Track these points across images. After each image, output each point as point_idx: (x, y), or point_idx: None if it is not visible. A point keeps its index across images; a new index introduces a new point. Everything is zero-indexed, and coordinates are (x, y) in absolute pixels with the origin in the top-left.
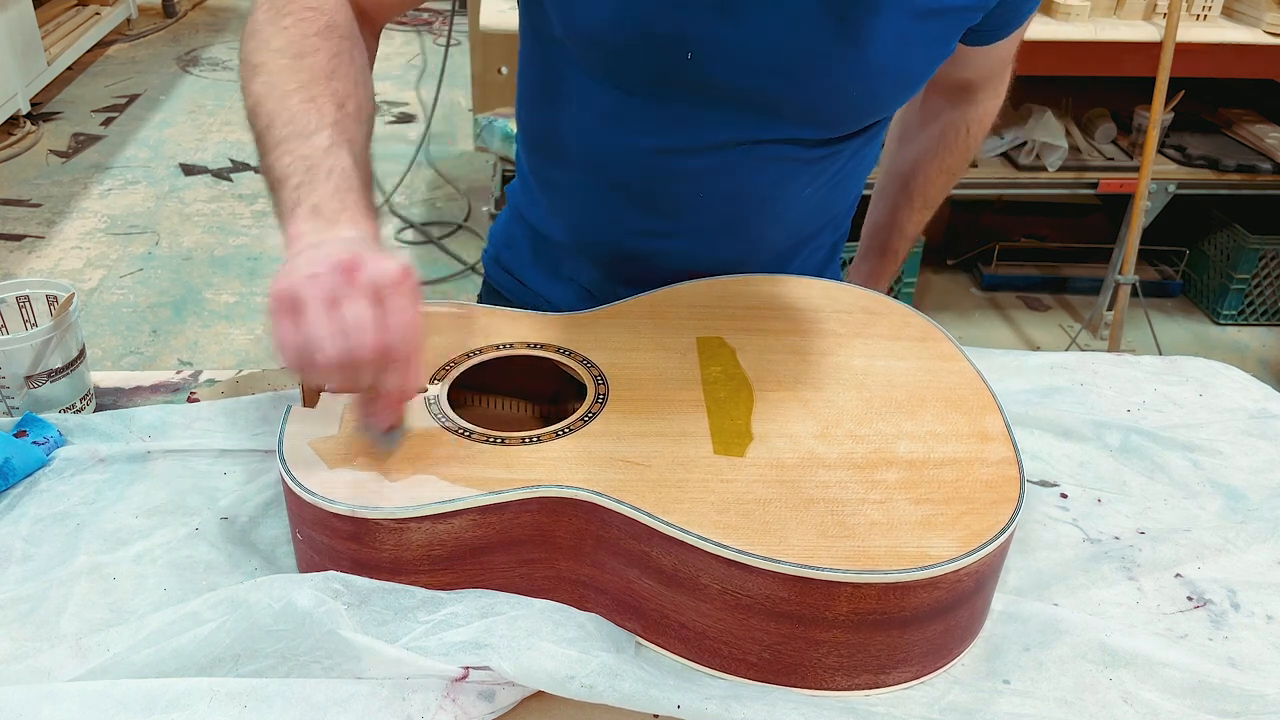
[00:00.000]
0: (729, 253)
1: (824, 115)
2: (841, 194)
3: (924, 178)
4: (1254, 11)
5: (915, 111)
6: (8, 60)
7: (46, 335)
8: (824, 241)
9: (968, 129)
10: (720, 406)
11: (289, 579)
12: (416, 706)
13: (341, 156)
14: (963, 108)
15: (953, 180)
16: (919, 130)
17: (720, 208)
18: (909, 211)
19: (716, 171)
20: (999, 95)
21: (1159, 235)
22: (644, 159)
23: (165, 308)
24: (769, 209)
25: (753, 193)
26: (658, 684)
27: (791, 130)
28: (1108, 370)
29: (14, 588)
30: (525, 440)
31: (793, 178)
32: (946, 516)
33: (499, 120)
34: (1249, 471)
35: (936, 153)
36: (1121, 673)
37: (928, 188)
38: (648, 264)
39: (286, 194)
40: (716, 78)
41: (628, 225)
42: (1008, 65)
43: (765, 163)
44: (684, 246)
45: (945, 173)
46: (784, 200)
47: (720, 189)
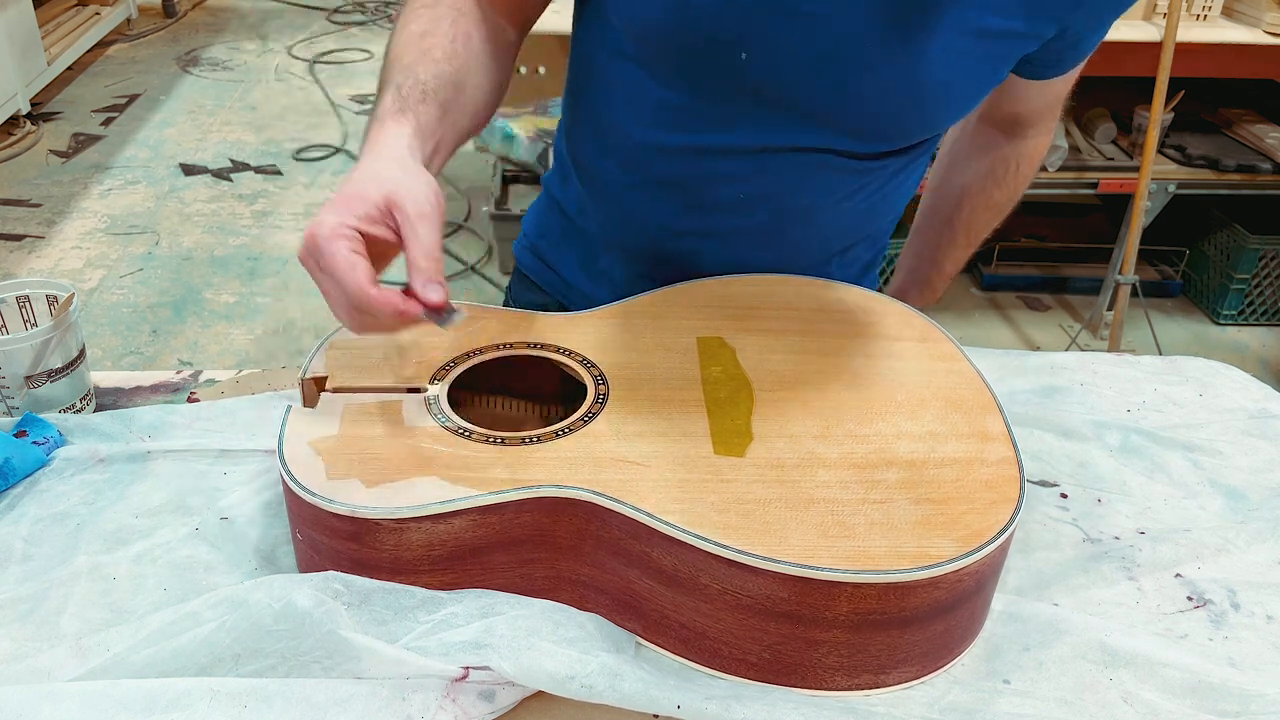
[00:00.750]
0: (763, 260)
1: (870, 128)
2: (881, 211)
3: (969, 211)
4: (1254, 11)
5: (965, 143)
6: (8, 60)
7: (46, 335)
8: (859, 255)
9: (1017, 165)
10: (720, 406)
11: (289, 579)
12: (416, 706)
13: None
14: (1014, 142)
15: (997, 218)
16: (967, 162)
17: (758, 213)
18: (951, 248)
19: (758, 176)
20: (1049, 133)
21: (1159, 235)
22: (687, 158)
23: (165, 308)
24: (807, 218)
25: (792, 201)
26: (658, 684)
27: (836, 141)
28: (1108, 370)
29: (14, 588)
30: (525, 440)
31: (833, 189)
32: (947, 516)
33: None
34: (1249, 471)
35: (984, 187)
36: (1121, 673)
37: (972, 222)
38: (682, 265)
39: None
40: (767, 81)
41: (665, 223)
42: (1060, 103)
43: (807, 171)
44: (719, 249)
45: (991, 209)
46: (822, 211)
47: (760, 194)
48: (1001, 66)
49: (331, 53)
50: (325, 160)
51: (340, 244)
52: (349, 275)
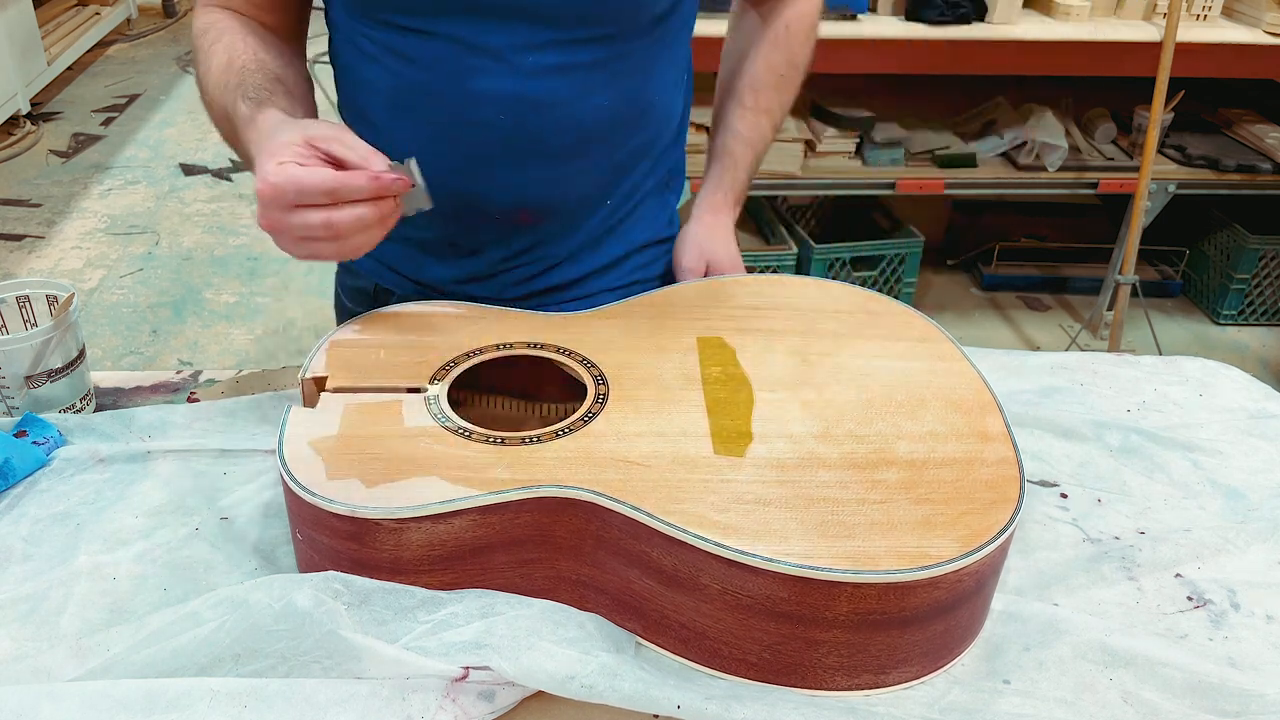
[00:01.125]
0: (545, 180)
1: (592, 12)
2: (642, 108)
3: (750, 75)
4: (1254, 11)
5: (734, 22)
6: (8, 60)
7: (46, 335)
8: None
9: (786, 27)
10: (720, 406)
11: (289, 579)
12: (416, 706)
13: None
14: (772, 12)
15: (782, 83)
16: (739, 29)
17: (520, 129)
18: (739, 110)
19: (506, 89)
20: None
21: (1159, 235)
22: (433, 91)
23: (165, 308)
24: (563, 125)
25: (546, 105)
26: (658, 684)
27: (565, 32)
28: (1108, 370)
29: (14, 588)
30: (525, 440)
31: (579, 86)
32: (947, 516)
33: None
34: (1249, 471)
35: (758, 48)
36: (1121, 673)
37: (755, 85)
38: (471, 202)
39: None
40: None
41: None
42: None
43: (550, 73)
44: (498, 179)
45: (771, 71)
46: (580, 111)
47: (514, 107)
48: None
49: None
50: None
51: (291, 167)
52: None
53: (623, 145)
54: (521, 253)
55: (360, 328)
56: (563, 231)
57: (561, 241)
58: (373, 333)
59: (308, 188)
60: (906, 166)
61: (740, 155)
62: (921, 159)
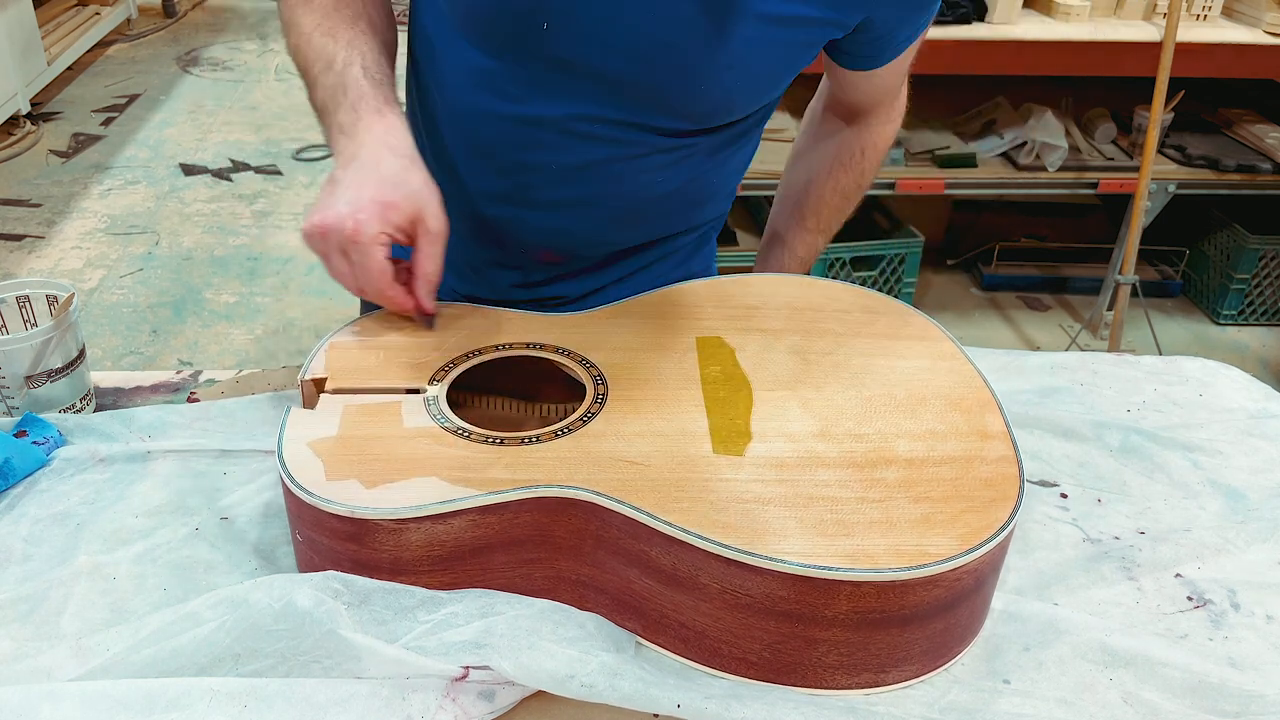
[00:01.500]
0: (582, 232)
1: (673, 104)
2: (702, 192)
3: (816, 196)
4: (1254, 11)
5: (812, 132)
6: (8, 60)
7: (46, 335)
8: (686, 241)
9: (862, 151)
10: (720, 406)
11: (289, 579)
12: (416, 706)
13: (354, 72)
14: (857, 130)
15: (846, 204)
16: (813, 148)
17: (570, 182)
18: (801, 232)
19: (568, 145)
20: (891, 122)
21: (1159, 235)
22: (503, 124)
23: (165, 308)
24: (620, 193)
25: (603, 172)
26: (658, 683)
27: (641, 115)
28: (1108, 370)
29: (14, 588)
30: (525, 440)
31: (643, 164)
32: (946, 515)
33: None
34: (1249, 471)
35: (830, 171)
36: (1121, 673)
37: (820, 208)
38: (502, 233)
39: (326, 122)
40: (569, 52)
41: (484, 189)
42: (896, 93)
43: (614, 145)
44: (537, 218)
45: (838, 194)
46: (634, 185)
47: (572, 164)
48: (803, 53)
49: None
50: (325, 160)
51: (379, 250)
52: (381, 279)
53: (678, 220)
54: (538, 283)
55: (360, 329)
56: (587, 271)
57: (580, 281)
58: (372, 334)
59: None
60: (906, 166)
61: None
62: (921, 159)
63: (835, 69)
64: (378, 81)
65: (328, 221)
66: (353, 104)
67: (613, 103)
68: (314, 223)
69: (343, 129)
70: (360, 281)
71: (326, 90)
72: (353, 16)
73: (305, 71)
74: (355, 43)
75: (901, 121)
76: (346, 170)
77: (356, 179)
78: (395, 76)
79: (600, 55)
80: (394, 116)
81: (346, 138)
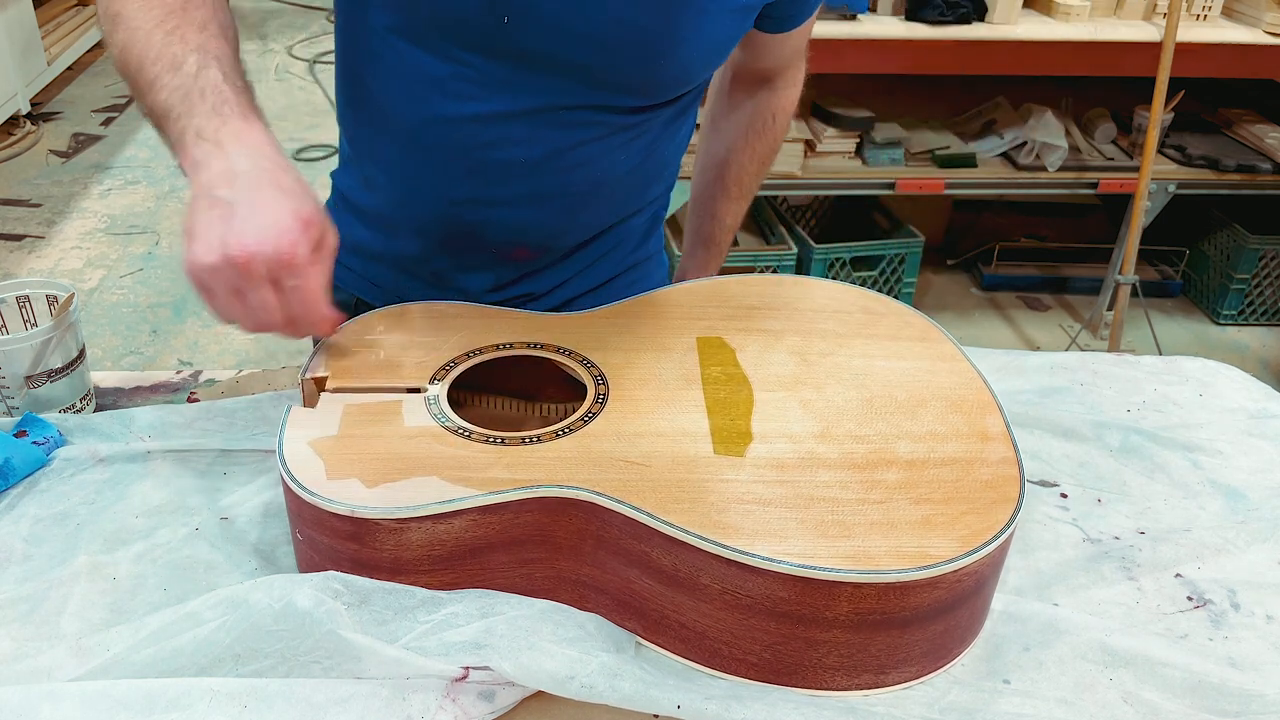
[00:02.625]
0: (553, 223)
1: (635, 83)
2: (656, 166)
3: (737, 166)
4: (1254, 11)
5: (723, 104)
6: (8, 60)
7: (46, 335)
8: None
9: (773, 116)
10: (720, 406)
11: (289, 579)
12: (416, 706)
13: (211, 75)
14: (764, 97)
15: (764, 169)
16: (727, 119)
17: (541, 174)
18: (726, 202)
19: (532, 139)
20: (796, 85)
21: (1159, 235)
22: (462, 125)
23: (165, 308)
24: (586, 177)
25: (570, 160)
26: (658, 684)
27: (605, 97)
28: (1108, 370)
29: (14, 588)
30: (525, 440)
31: (608, 145)
32: (946, 516)
33: None
34: (1249, 471)
35: (747, 139)
36: (1121, 673)
37: (741, 176)
38: (471, 235)
39: (171, 126)
40: (531, 44)
41: (449, 194)
42: (802, 56)
43: (581, 129)
44: (507, 217)
45: (756, 160)
46: (599, 166)
47: (538, 157)
48: (747, 18)
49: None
50: (325, 160)
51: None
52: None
53: (633, 198)
54: (508, 283)
55: (360, 328)
56: (553, 265)
57: (550, 275)
58: (373, 333)
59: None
60: (906, 166)
61: (723, 242)
62: (921, 159)
63: (752, 37)
64: (239, 87)
65: (248, 249)
66: (214, 109)
67: (576, 89)
68: (227, 254)
69: (202, 135)
70: (299, 310)
71: (172, 92)
72: (202, 20)
73: (139, 70)
74: (207, 47)
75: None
76: (233, 187)
77: (260, 197)
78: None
79: (561, 42)
80: (262, 125)
81: (210, 145)
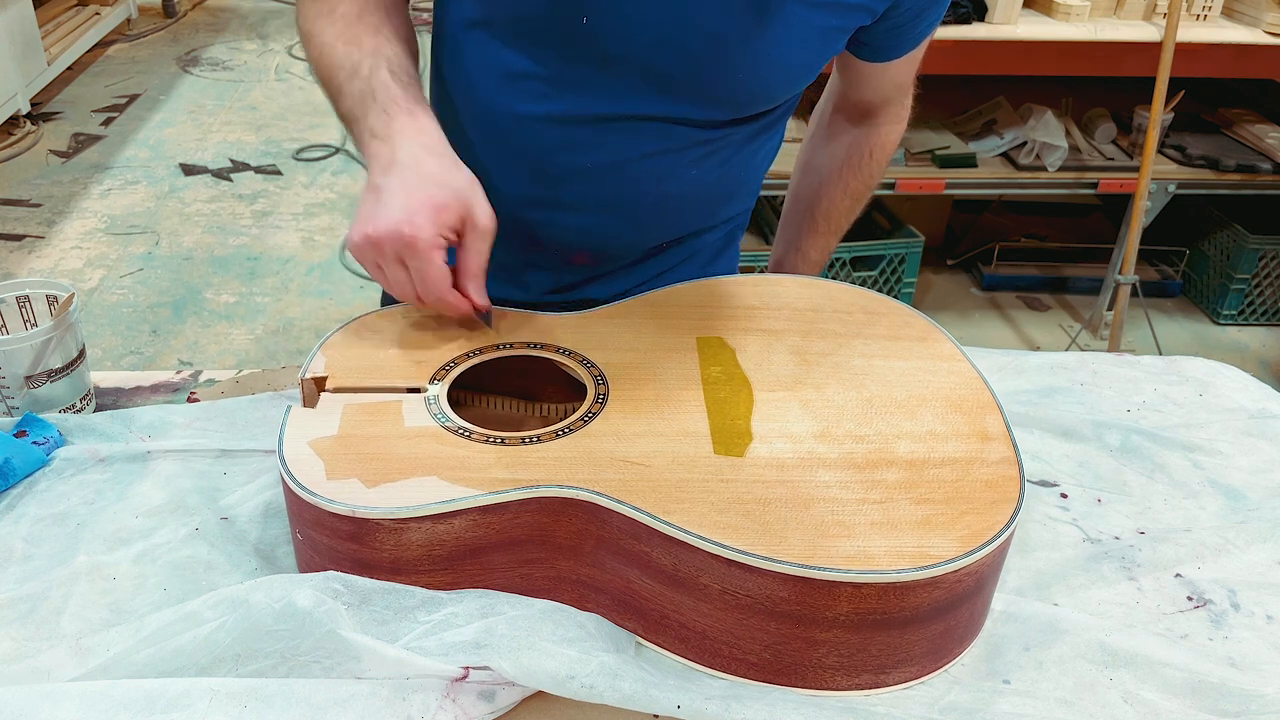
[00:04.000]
0: (616, 231)
1: (713, 95)
2: (730, 185)
3: (827, 200)
4: (1254, 11)
5: (821, 134)
6: (8, 60)
7: (46, 335)
8: (713, 239)
9: (870, 153)
10: (720, 406)
11: (289, 579)
12: (416, 706)
13: (381, 76)
14: (865, 130)
15: (856, 205)
16: (822, 151)
17: (606, 182)
18: (812, 236)
19: (604, 143)
20: (900, 121)
21: (1159, 235)
22: (534, 124)
23: (165, 308)
24: (654, 188)
25: (637, 171)
26: (658, 684)
27: (678, 108)
28: (1108, 370)
29: (14, 588)
30: (525, 440)
31: (678, 158)
32: (946, 516)
33: None
34: (1249, 471)
35: (840, 174)
36: (1121, 673)
37: (831, 211)
38: (534, 235)
39: (355, 130)
40: (610, 47)
41: (516, 192)
42: (906, 91)
43: (651, 140)
44: (571, 219)
45: (849, 196)
46: (669, 180)
47: (607, 162)
48: (836, 39)
49: None
50: (325, 160)
51: (438, 255)
52: (441, 284)
53: (706, 215)
54: (569, 287)
55: (360, 328)
56: (617, 274)
57: (613, 282)
58: (373, 333)
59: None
60: (906, 166)
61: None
62: (921, 159)
63: (850, 64)
64: (406, 84)
65: (380, 231)
66: (383, 107)
67: (651, 97)
68: (367, 234)
69: (374, 133)
70: (421, 289)
71: (353, 98)
72: (375, 25)
73: (329, 81)
74: (380, 49)
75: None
76: (388, 175)
77: (401, 183)
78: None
79: (640, 47)
80: (425, 117)
81: (380, 141)
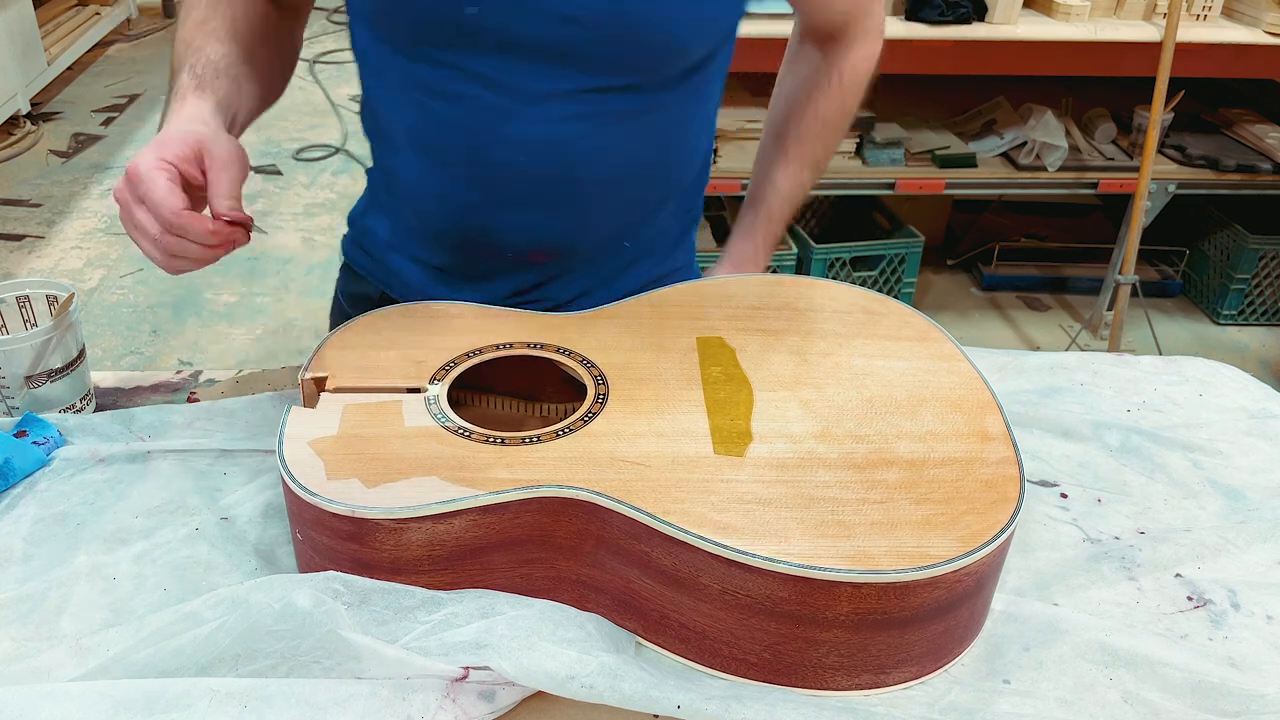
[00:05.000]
0: (564, 223)
1: (621, 59)
2: (667, 154)
3: (796, 123)
4: (1254, 11)
5: (789, 61)
6: (8, 60)
7: (46, 335)
8: (667, 224)
9: (840, 76)
10: (720, 406)
11: (289, 579)
12: (416, 706)
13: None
14: (832, 54)
15: (828, 132)
16: (790, 75)
17: (544, 173)
18: (783, 164)
19: (533, 133)
20: (868, 40)
21: (1159, 235)
22: (455, 127)
23: (165, 308)
24: (589, 170)
25: (573, 151)
26: (658, 684)
27: (593, 78)
28: (1108, 370)
29: (14, 588)
30: (525, 440)
31: (607, 133)
32: (947, 516)
33: None
34: (1249, 471)
35: (809, 95)
36: (1121, 673)
37: (802, 135)
38: (486, 240)
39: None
40: (504, 30)
41: (458, 199)
42: (867, 8)
43: (579, 121)
44: (515, 218)
45: (818, 119)
46: (603, 159)
47: (539, 151)
48: None
49: (331, 53)
50: (325, 160)
51: (160, 175)
52: (168, 200)
53: (648, 192)
54: (533, 287)
55: (360, 328)
56: (577, 270)
57: (574, 280)
58: (373, 333)
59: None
60: (906, 166)
61: (776, 209)
62: (921, 159)
63: None
64: (201, 79)
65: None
66: (173, 99)
67: (560, 71)
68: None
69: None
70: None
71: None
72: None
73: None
74: (202, 48)
75: (881, 43)
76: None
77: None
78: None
79: (534, 24)
80: (195, 98)
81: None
